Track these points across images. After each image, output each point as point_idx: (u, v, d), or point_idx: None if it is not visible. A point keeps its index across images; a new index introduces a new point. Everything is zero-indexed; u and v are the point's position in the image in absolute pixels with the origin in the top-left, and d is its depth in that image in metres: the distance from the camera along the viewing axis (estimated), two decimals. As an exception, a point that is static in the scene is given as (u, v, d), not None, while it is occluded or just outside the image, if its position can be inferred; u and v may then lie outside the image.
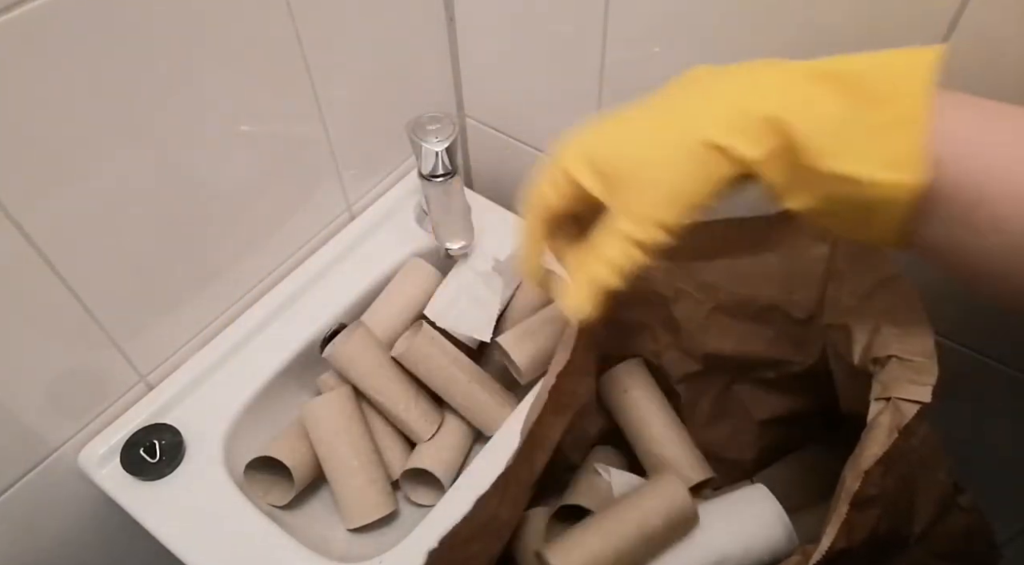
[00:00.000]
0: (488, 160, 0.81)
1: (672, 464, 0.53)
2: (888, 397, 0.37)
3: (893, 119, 0.29)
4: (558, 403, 0.49)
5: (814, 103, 0.30)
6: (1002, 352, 0.57)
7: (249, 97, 0.56)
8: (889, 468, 0.36)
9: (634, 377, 0.56)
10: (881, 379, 0.38)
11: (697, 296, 0.52)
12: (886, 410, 0.36)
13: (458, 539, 0.40)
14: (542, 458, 0.49)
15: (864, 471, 0.34)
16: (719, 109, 0.32)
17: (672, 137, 0.33)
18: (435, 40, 0.70)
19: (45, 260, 0.48)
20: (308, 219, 0.68)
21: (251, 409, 0.61)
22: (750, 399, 0.56)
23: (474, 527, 0.41)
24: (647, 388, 0.56)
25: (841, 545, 0.35)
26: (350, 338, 0.60)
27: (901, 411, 0.36)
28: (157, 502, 0.55)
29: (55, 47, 0.43)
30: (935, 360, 0.37)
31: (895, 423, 0.35)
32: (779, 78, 0.32)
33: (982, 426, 0.61)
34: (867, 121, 0.29)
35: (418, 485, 0.62)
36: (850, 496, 0.34)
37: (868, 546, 0.37)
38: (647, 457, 0.54)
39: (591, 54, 0.61)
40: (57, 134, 0.45)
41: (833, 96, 0.30)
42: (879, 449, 0.34)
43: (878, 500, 0.36)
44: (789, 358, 0.52)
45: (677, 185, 0.33)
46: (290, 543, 0.53)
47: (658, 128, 0.34)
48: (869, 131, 0.29)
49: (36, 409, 0.53)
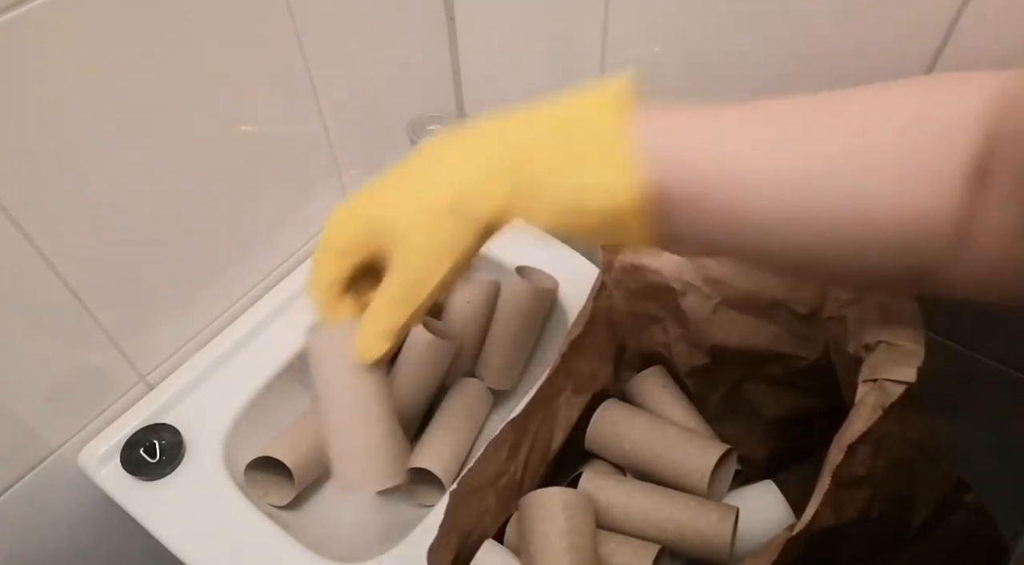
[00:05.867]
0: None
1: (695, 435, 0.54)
2: (875, 379, 0.38)
3: (596, 143, 0.32)
4: (575, 378, 0.53)
5: (529, 157, 0.33)
6: (1002, 352, 0.57)
7: (249, 97, 0.56)
8: (878, 450, 0.37)
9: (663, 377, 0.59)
10: (870, 362, 0.40)
11: (704, 290, 0.53)
12: (872, 391, 0.37)
13: (475, 482, 0.44)
14: (559, 435, 0.53)
15: (847, 445, 0.35)
16: (450, 177, 0.35)
17: (416, 204, 0.35)
18: (435, 40, 0.70)
19: (45, 260, 0.48)
20: (308, 219, 0.68)
21: (251, 409, 0.61)
22: (759, 397, 0.57)
23: (488, 474, 0.45)
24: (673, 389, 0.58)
25: (829, 521, 0.36)
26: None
27: (886, 391, 0.37)
28: (157, 502, 0.55)
29: (55, 47, 0.43)
30: (922, 345, 0.38)
31: (879, 402, 0.36)
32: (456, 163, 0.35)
33: (982, 426, 0.61)
34: (575, 153, 0.33)
35: (418, 485, 0.62)
36: (832, 468, 0.35)
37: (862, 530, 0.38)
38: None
39: (591, 54, 0.61)
40: (57, 134, 0.45)
41: (543, 145, 0.33)
42: (862, 425, 0.35)
43: (868, 481, 0.37)
44: (794, 353, 0.53)
45: (449, 255, 0.35)
46: (290, 543, 0.53)
47: (402, 194, 0.36)
48: (579, 161, 0.32)
49: (36, 409, 0.53)
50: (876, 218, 0.31)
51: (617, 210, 0.32)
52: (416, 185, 0.36)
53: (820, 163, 0.31)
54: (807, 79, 0.51)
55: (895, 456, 0.38)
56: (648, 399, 0.58)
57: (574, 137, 0.33)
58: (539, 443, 0.51)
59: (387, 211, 0.36)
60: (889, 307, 0.41)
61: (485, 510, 0.47)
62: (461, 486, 0.44)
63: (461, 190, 0.34)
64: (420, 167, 0.36)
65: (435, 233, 0.35)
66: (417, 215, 0.35)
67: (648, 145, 0.32)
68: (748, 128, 0.33)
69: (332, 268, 0.39)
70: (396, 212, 0.36)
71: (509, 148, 0.34)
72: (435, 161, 0.36)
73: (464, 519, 0.45)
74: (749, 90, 0.54)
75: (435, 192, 0.35)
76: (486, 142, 0.35)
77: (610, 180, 0.32)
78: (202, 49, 0.51)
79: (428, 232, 0.35)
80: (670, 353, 0.58)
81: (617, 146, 0.32)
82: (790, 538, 0.34)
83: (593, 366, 0.55)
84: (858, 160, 0.31)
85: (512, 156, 0.34)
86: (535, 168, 0.33)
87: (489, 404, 0.67)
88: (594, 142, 0.32)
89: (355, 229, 0.38)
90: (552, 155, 0.33)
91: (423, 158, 0.37)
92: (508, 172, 0.34)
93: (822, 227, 0.31)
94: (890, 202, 0.30)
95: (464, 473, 0.44)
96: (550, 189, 0.33)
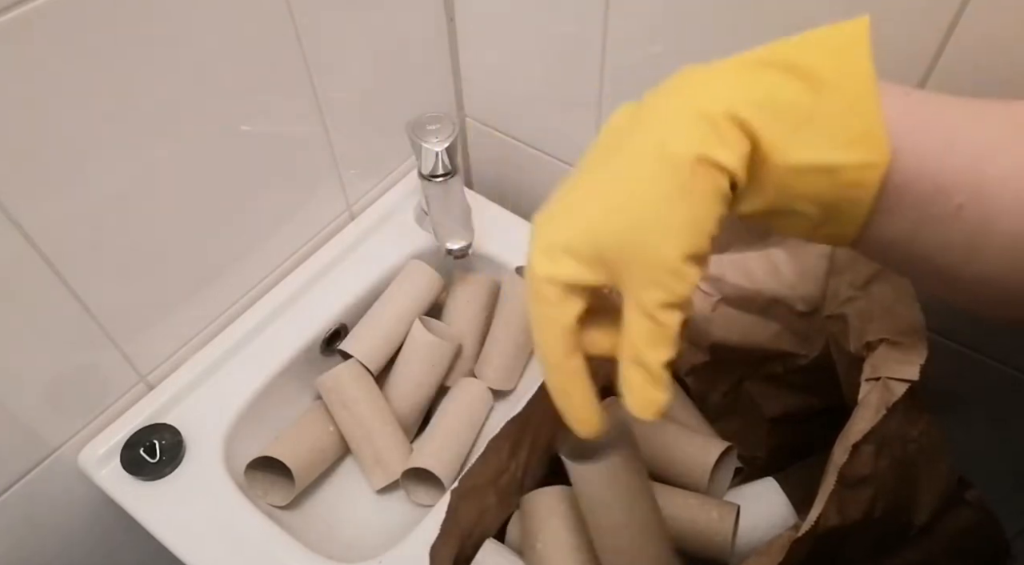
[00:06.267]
0: (488, 160, 0.81)
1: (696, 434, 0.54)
2: (877, 377, 0.38)
3: (846, 102, 0.27)
4: None
5: (767, 96, 0.28)
6: (1002, 352, 0.57)
7: (249, 97, 0.56)
8: (881, 449, 0.36)
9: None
10: (872, 361, 0.40)
11: (704, 288, 0.53)
12: (875, 389, 0.37)
13: (476, 481, 0.43)
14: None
15: (852, 445, 0.35)
16: (677, 124, 0.28)
17: (644, 175, 0.28)
18: (435, 40, 0.70)
19: (45, 260, 0.48)
20: (308, 219, 0.68)
21: (251, 409, 0.61)
22: (759, 395, 0.57)
23: (488, 472, 0.45)
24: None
25: (833, 522, 0.35)
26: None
27: (890, 389, 0.37)
28: (157, 502, 0.55)
29: (55, 47, 0.43)
30: (924, 342, 0.38)
31: (883, 401, 0.36)
32: (723, 76, 0.29)
33: (983, 426, 0.61)
34: (821, 107, 0.27)
35: (418, 485, 0.62)
36: (837, 469, 0.35)
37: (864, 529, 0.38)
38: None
39: (591, 54, 0.61)
40: (57, 134, 0.45)
41: (782, 86, 0.28)
42: (866, 425, 0.35)
43: (871, 481, 0.37)
44: (794, 351, 0.53)
45: (678, 224, 0.27)
46: (290, 543, 0.53)
47: (622, 178, 0.28)
48: (827, 118, 0.27)
49: (36, 409, 0.53)
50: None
51: (861, 177, 0.27)
52: (637, 156, 0.28)
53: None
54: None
55: (898, 455, 0.38)
56: None
57: (818, 87, 0.27)
58: (540, 441, 0.51)
59: (611, 214, 0.28)
60: (890, 305, 0.41)
61: (486, 508, 0.47)
62: (462, 485, 0.44)
63: (704, 135, 0.27)
64: (628, 139, 0.29)
65: (677, 203, 0.27)
66: (654, 186, 0.27)
67: (904, 115, 0.27)
68: (1006, 126, 0.27)
69: (567, 310, 0.30)
70: (624, 205, 0.28)
71: (738, 93, 0.28)
72: (647, 127, 0.29)
73: (465, 518, 0.45)
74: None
75: (671, 147, 0.27)
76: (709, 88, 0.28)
77: (864, 139, 0.27)
78: (202, 49, 0.51)
79: (668, 205, 0.27)
80: None
81: (871, 105, 0.27)
82: (796, 539, 0.34)
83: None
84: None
85: (746, 102, 0.27)
86: (776, 116, 0.27)
87: (489, 404, 0.67)
88: (844, 96, 0.27)
89: (576, 264, 0.29)
90: (796, 102, 0.27)
91: (616, 139, 0.30)
92: (742, 119, 0.27)
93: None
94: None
95: (465, 472, 0.44)
96: (792, 141, 0.27)
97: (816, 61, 0.28)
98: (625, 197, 0.28)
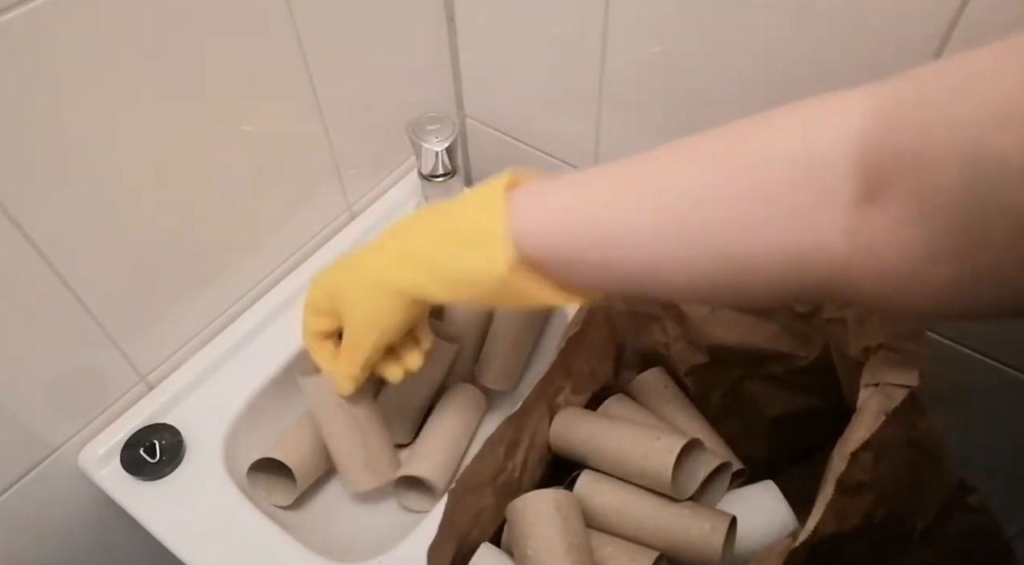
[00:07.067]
0: (488, 160, 0.81)
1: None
2: (877, 383, 0.38)
3: (479, 236, 0.40)
4: (575, 376, 0.53)
5: (429, 250, 0.43)
6: (1002, 352, 0.57)
7: (249, 97, 0.56)
8: (881, 455, 0.36)
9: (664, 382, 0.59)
10: (871, 366, 0.39)
11: None
12: (874, 395, 0.37)
13: (473, 481, 0.45)
14: None
15: (850, 453, 0.35)
16: (374, 262, 0.47)
17: (354, 283, 0.48)
18: (435, 40, 0.70)
19: (45, 260, 0.48)
20: (308, 219, 0.68)
21: (251, 409, 0.61)
22: (760, 395, 0.57)
23: (486, 472, 0.46)
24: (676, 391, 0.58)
25: (832, 529, 0.35)
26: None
27: (889, 396, 0.37)
28: (157, 502, 0.55)
29: (55, 47, 0.43)
30: (923, 348, 0.38)
31: (882, 407, 0.36)
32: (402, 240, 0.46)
33: (983, 426, 0.61)
34: (460, 243, 0.41)
35: (412, 491, 0.62)
36: (836, 477, 0.35)
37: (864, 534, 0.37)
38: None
39: (591, 54, 0.61)
40: (57, 134, 0.45)
41: (437, 239, 0.43)
42: (865, 432, 0.35)
43: (870, 486, 0.37)
44: (793, 352, 0.53)
45: (377, 321, 0.48)
46: (290, 543, 0.53)
47: (346, 274, 0.49)
48: (463, 248, 0.41)
49: (36, 409, 0.53)
50: (756, 251, 0.32)
51: (500, 281, 0.39)
52: (353, 267, 0.48)
53: (682, 206, 0.34)
54: (809, 77, 0.51)
55: (897, 460, 0.38)
56: (650, 399, 0.58)
57: (459, 230, 0.42)
58: (537, 441, 0.51)
59: (337, 288, 0.49)
60: None
61: (484, 509, 0.47)
62: (459, 485, 0.44)
63: (381, 272, 0.46)
64: (358, 255, 0.48)
65: (366, 303, 0.47)
66: (355, 291, 0.48)
67: (521, 218, 0.38)
68: (610, 181, 0.37)
69: (310, 322, 0.53)
70: (342, 289, 0.49)
71: (414, 242, 0.45)
72: (367, 251, 0.48)
73: (463, 518, 0.45)
74: (750, 90, 0.54)
75: (364, 272, 0.47)
76: (399, 240, 0.46)
77: (488, 258, 0.39)
78: (202, 48, 0.51)
79: (362, 304, 0.48)
80: (669, 352, 0.58)
81: (492, 231, 0.39)
82: (793, 550, 0.34)
83: (592, 365, 0.55)
84: (724, 197, 0.32)
85: (417, 247, 0.44)
86: (433, 256, 0.43)
87: (483, 408, 0.67)
88: (473, 232, 0.40)
89: (321, 296, 0.51)
90: (441, 246, 0.42)
91: (363, 249, 0.48)
92: (415, 259, 0.44)
93: (698, 267, 0.34)
94: (763, 235, 0.32)
95: (462, 471, 0.44)
96: (446, 271, 0.42)
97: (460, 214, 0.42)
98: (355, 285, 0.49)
